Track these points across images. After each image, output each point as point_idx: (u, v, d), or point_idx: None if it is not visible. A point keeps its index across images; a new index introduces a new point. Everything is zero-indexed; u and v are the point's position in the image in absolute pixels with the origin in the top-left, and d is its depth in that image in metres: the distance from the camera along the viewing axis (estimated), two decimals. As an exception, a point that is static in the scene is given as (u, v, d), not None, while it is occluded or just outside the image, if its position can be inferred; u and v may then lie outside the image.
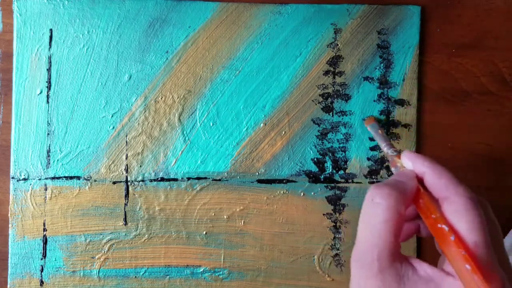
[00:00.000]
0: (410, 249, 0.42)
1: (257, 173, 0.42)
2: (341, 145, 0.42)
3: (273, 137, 0.42)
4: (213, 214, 0.41)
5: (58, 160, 0.41)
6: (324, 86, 0.42)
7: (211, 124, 0.42)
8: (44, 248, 0.41)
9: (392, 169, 0.32)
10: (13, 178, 0.41)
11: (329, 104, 0.42)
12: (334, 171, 0.42)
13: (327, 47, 0.42)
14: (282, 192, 0.42)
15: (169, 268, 0.41)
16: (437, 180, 0.27)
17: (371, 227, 0.25)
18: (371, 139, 0.42)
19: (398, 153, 0.32)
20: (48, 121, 0.41)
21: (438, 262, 0.28)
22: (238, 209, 0.42)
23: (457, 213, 0.24)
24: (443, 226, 0.25)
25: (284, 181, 0.42)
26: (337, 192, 0.42)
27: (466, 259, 0.23)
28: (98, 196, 0.41)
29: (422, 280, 0.24)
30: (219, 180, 0.42)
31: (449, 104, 0.43)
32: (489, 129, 0.43)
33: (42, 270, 0.41)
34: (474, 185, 0.41)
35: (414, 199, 0.27)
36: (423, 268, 0.25)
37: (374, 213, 0.25)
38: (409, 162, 0.29)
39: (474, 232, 0.24)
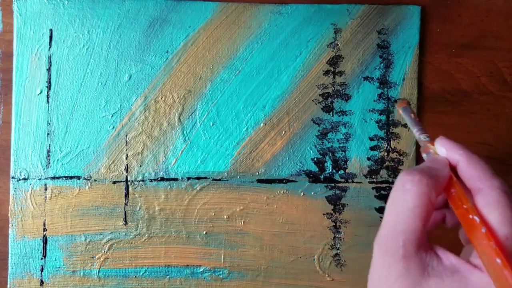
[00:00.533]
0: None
1: (257, 173, 0.42)
2: (341, 145, 0.42)
3: (273, 137, 0.42)
4: (213, 214, 0.41)
5: (58, 160, 0.41)
6: (324, 86, 0.42)
7: (211, 124, 0.42)
8: (44, 248, 0.41)
9: (424, 155, 0.30)
10: (13, 178, 0.41)
11: (329, 104, 0.42)
12: (334, 171, 0.42)
13: (327, 47, 0.42)
14: (282, 192, 0.42)
15: (169, 268, 0.41)
16: (471, 170, 0.26)
17: (399, 213, 0.24)
18: (371, 139, 0.42)
19: (431, 139, 0.31)
20: (48, 121, 0.41)
21: (461, 253, 0.27)
22: (238, 209, 0.42)
23: (490, 205, 0.24)
24: (474, 217, 0.24)
25: (284, 181, 0.42)
26: (337, 192, 0.42)
27: (497, 252, 0.22)
28: (98, 196, 0.41)
29: (447, 272, 0.24)
30: (219, 180, 0.42)
31: (449, 104, 0.43)
32: (489, 129, 0.43)
33: (42, 270, 0.41)
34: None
35: (445, 188, 0.26)
36: (449, 258, 0.24)
37: (403, 199, 0.25)
38: (443, 149, 0.28)
39: (506, 226, 0.23)
